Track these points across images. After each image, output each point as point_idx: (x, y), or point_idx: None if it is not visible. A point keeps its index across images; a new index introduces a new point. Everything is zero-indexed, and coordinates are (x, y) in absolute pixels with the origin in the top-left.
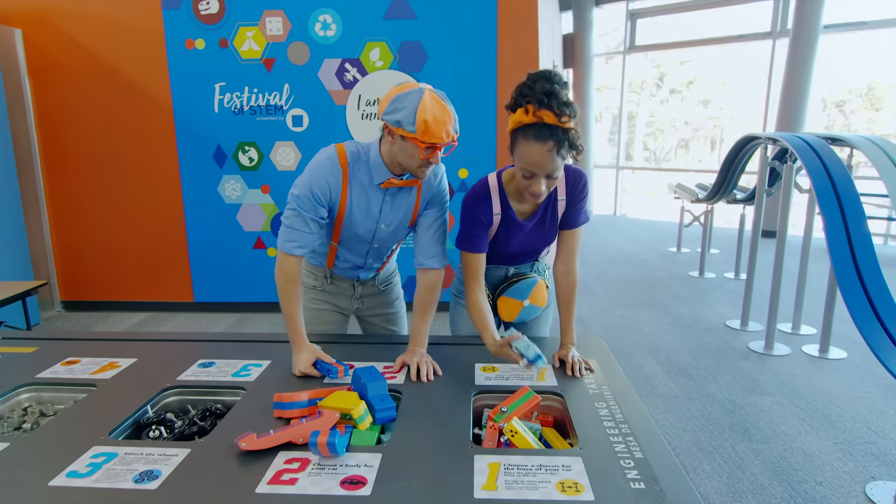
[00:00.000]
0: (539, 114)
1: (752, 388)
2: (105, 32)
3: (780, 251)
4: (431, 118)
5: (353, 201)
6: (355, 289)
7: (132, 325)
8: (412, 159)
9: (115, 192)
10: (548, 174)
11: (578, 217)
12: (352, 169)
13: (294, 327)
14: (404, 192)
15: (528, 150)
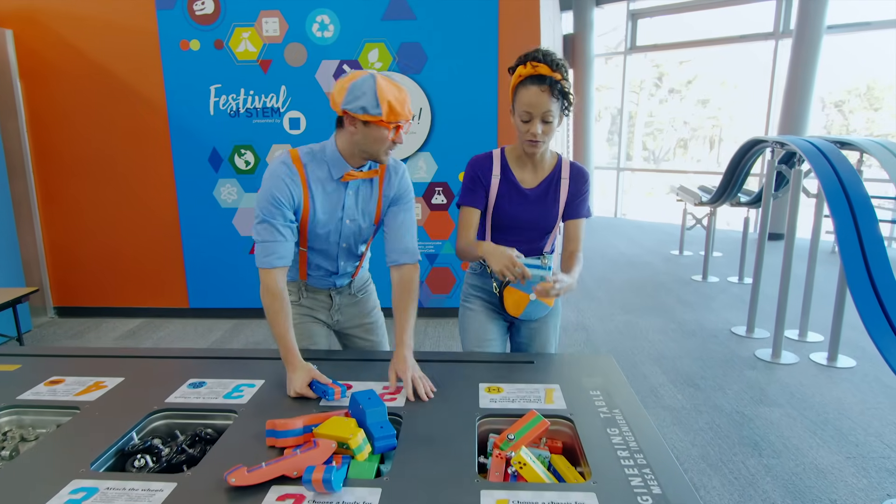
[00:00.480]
0: (536, 66)
1: (760, 399)
2: (98, 33)
3: (788, 256)
4: (394, 98)
5: (315, 200)
6: (332, 299)
7: (126, 332)
8: (379, 143)
9: (108, 195)
10: (543, 116)
11: (581, 208)
12: (308, 168)
13: (286, 345)
14: (365, 186)
15: (526, 93)
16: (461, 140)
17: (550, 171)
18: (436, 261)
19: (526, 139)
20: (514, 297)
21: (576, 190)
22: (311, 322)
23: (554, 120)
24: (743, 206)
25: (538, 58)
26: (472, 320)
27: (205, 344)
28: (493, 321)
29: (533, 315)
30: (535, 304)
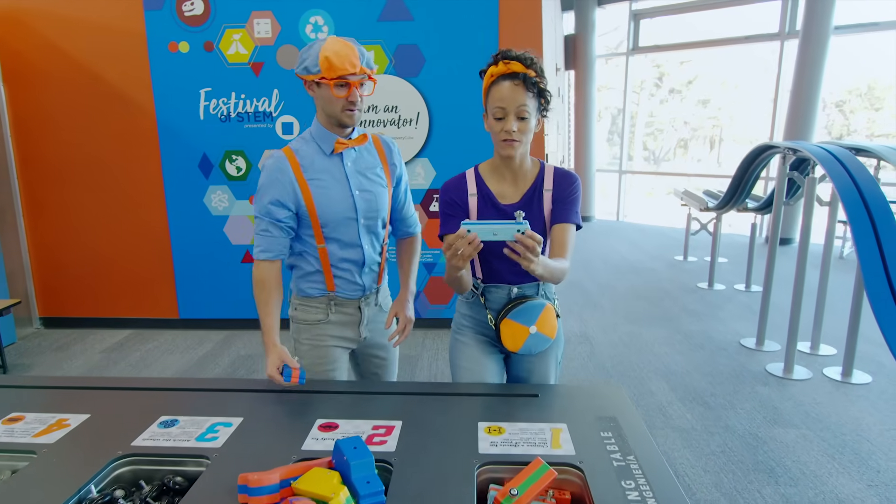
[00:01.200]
0: (509, 63)
1: (774, 419)
2: (84, 35)
3: (801, 265)
4: (333, 52)
5: (314, 180)
6: (362, 312)
7: (113, 344)
8: (331, 103)
9: (95, 203)
10: (518, 112)
11: (566, 212)
12: (300, 154)
13: (264, 328)
14: (362, 155)
15: (498, 89)
16: (460, 145)
17: (533, 182)
18: (434, 270)
19: (500, 139)
20: (511, 330)
21: (559, 194)
22: (335, 346)
23: (530, 117)
24: (750, 211)
25: (510, 55)
26: (464, 355)
27: (195, 357)
28: (489, 355)
29: (533, 349)
30: (536, 338)
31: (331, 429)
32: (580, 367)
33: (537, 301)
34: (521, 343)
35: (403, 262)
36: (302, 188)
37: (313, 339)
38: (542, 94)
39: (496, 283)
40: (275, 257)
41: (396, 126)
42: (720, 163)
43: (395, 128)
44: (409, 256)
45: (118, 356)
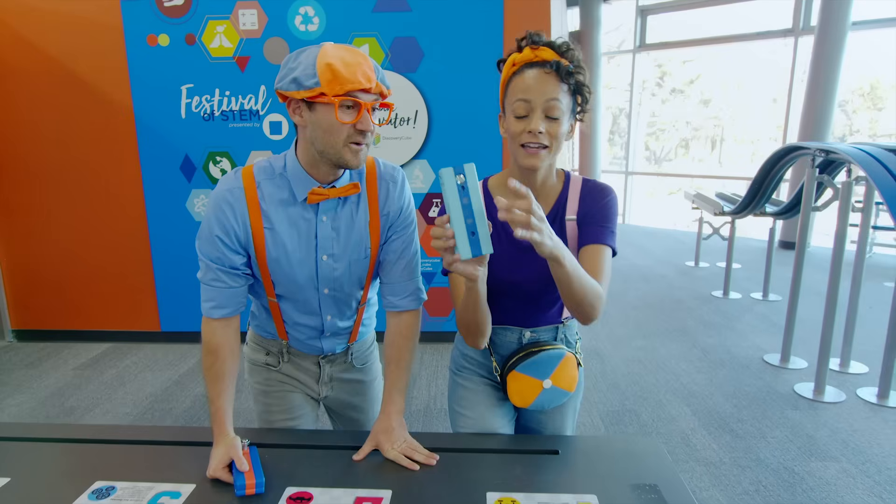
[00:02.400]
0: (538, 50)
1: (810, 450)
2: (56, 27)
3: (835, 275)
4: (337, 60)
5: (274, 231)
6: (321, 368)
7: (89, 360)
8: (332, 133)
9: (70, 207)
10: (548, 108)
11: (598, 231)
12: (264, 188)
13: (213, 410)
14: (346, 207)
15: (522, 79)
16: (461, 146)
17: (554, 202)
18: (434, 280)
19: (522, 142)
20: (520, 385)
21: (588, 209)
22: (292, 391)
23: (563, 116)
24: (768, 216)
25: (539, 40)
26: (466, 401)
27: (174, 375)
28: (495, 402)
29: (546, 405)
30: (551, 392)
31: (304, 502)
32: (593, 388)
33: (555, 350)
34: (531, 399)
35: (390, 357)
36: (255, 233)
37: (266, 384)
38: (580, 91)
39: (505, 324)
40: (232, 313)
41: (393, 125)
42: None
43: (392, 127)
44: (401, 351)
45: (92, 373)
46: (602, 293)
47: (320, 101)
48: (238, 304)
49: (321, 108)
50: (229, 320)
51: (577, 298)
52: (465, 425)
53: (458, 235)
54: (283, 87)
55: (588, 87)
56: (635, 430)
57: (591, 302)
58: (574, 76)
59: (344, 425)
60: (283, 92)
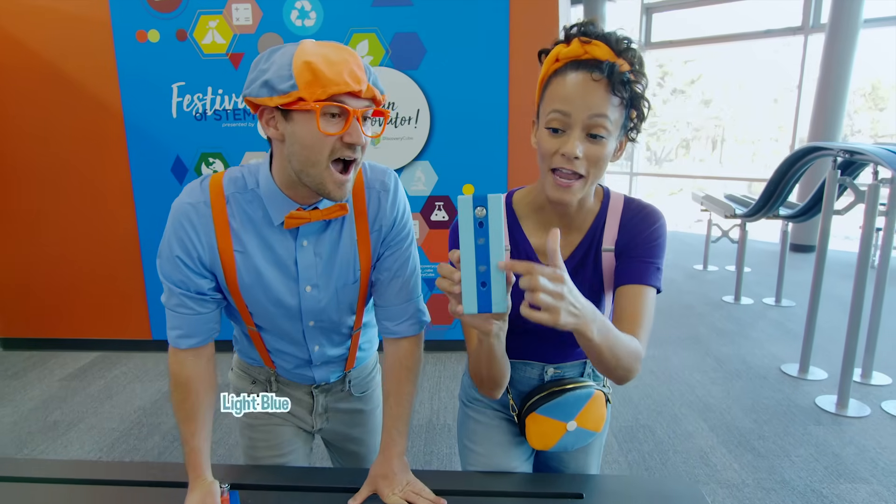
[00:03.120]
0: (588, 47)
1: (837, 471)
2: (41, 23)
3: (860, 282)
4: (319, 57)
5: (245, 254)
6: (315, 398)
7: (77, 370)
8: (314, 148)
9: (57, 210)
10: (590, 125)
11: (640, 267)
12: (232, 204)
13: (187, 451)
14: (329, 229)
15: (562, 83)
16: (465, 146)
17: (591, 225)
18: (436, 287)
19: (553, 165)
20: (541, 427)
21: (630, 239)
22: (281, 424)
23: (609, 136)
24: (782, 218)
25: (593, 31)
26: (478, 436)
27: (164, 386)
28: (513, 443)
29: (570, 446)
30: (576, 434)
31: None
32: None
33: (582, 390)
34: (553, 442)
35: (389, 390)
36: (223, 256)
37: (252, 417)
38: (636, 104)
39: (525, 359)
40: (202, 342)
41: (394, 125)
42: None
43: (392, 127)
44: (400, 382)
45: (79, 385)
46: (640, 351)
47: (298, 109)
48: (209, 331)
49: (299, 116)
50: (200, 350)
51: (608, 366)
52: (477, 463)
53: (464, 283)
54: (252, 94)
55: (647, 99)
56: (650, 449)
57: (627, 366)
58: (631, 86)
59: (343, 459)
60: (252, 99)
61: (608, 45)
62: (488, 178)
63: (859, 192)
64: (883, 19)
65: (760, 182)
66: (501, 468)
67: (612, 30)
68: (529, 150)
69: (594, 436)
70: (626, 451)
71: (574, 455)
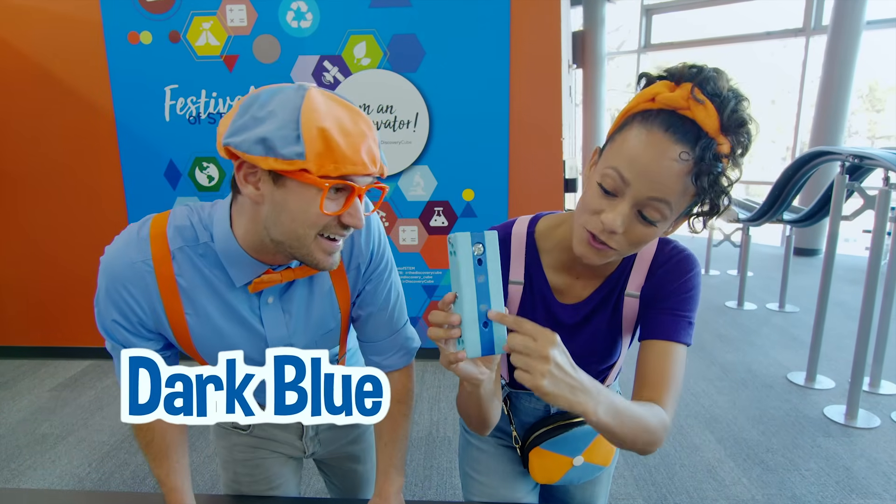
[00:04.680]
0: (692, 101)
1: (849, 485)
2: (30, 24)
3: (870, 289)
4: (335, 126)
5: (200, 319)
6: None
7: (67, 379)
8: (304, 224)
9: (47, 216)
10: (648, 198)
11: (671, 320)
12: (180, 261)
13: (166, 492)
14: (296, 282)
15: (640, 137)
16: (465, 150)
17: (617, 267)
18: (434, 293)
19: (587, 226)
20: (544, 462)
21: (660, 288)
22: (267, 457)
23: (662, 222)
24: (785, 223)
25: (706, 84)
26: (480, 464)
27: None
28: (518, 476)
29: (576, 480)
30: (583, 469)
31: None
32: None
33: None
34: (558, 477)
35: (382, 428)
36: (172, 320)
37: (233, 451)
38: (715, 188)
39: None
40: None
41: (392, 129)
42: None
43: (391, 131)
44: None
45: (69, 395)
46: (666, 421)
47: (304, 180)
48: None
49: (296, 186)
50: None
51: (623, 443)
52: (480, 493)
53: (465, 324)
54: (240, 147)
55: (729, 195)
56: (657, 463)
57: (648, 441)
58: (718, 178)
59: (338, 480)
60: (238, 153)
61: (718, 114)
62: (488, 184)
63: (868, 198)
64: (885, 21)
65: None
66: (505, 497)
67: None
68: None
69: (602, 470)
70: (632, 466)
71: (581, 486)
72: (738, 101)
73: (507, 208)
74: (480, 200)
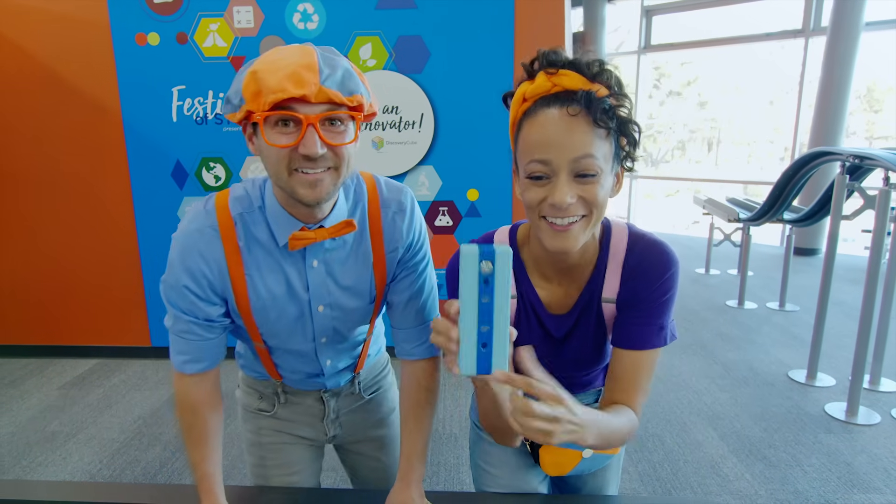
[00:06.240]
0: (556, 79)
1: (850, 481)
2: (39, 26)
3: (871, 287)
4: (265, 65)
5: (258, 279)
6: (326, 404)
7: (75, 378)
8: (273, 162)
9: (55, 215)
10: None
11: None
12: (240, 226)
13: (199, 477)
14: (340, 247)
15: (536, 126)
16: (470, 150)
17: (591, 275)
18: (441, 291)
19: (543, 213)
20: (554, 457)
21: (635, 293)
22: (291, 443)
23: (602, 173)
24: (786, 223)
25: (558, 59)
26: (491, 455)
27: (164, 395)
28: (530, 467)
29: (587, 470)
30: (593, 459)
31: None
32: None
33: None
34: (568, 469)
35: (407, 413)
36: (234, 280)
37: (259, 434)
38: (624, 130)
39: None
40: (208, 367)
41: (397, 129)
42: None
43: (396, 131)
44: (418, 404)
45: (77, 393)
46: (636, 423)
47: (253, 122)
48: (216, 355)
49: (259, 131)
50: (206, 374)
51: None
52: (492, 484)
53: (463, 342)
54: (223, 110)
55: (636, 122)
56: (661, 459)
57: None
58: (614, 112)
59: (359, 467)
60: (227, 116)
61: (579, 72)
62: (493, 184)
63: (868, 198)
64: (884, 22)
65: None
66: (517, 488)
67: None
68: None
69: (611, 458)
70: (637, 462)
71: (592, 475)
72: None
73: (512, 208)
74: (485, 200)
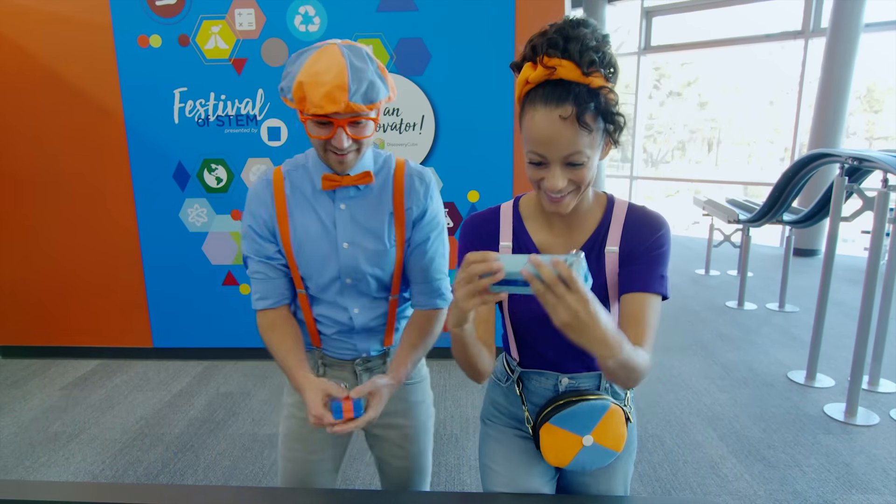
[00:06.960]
0: (551, 63)
1: (849, 481)
2: (41, 27)
3: (869, 289)
4: (308, 78)
5: (295, 216)
6: (358, 377)
7: (77, 378)
8: (316, 145)
9: (56, 218)
10: (566, 157)
11: (645, 274)
12: (291, 179)
13: (287, 370)
14: (365, 198)
15: (533, 122)
16: (470, 152)
17: (594, 230)
18: None
19: (544, 196)
20: (554, 440)
21: (634, 245)
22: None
23: (589, 160)
24: (785, 224)
25: (555, 44)
26: (498, 454)
27: (167, 395)
28: (534, 462)
29: (588, 465)
30: (593, 451)
31: None
32: None
33: (598, 401)
34: (569, 458)
35: (411, 333)
36: (279, 218)
37: (298, 409)
38: (610, 117)
39: (539, 368)
40: (276, 303)
41: (398, 131)
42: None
43: (397, 133)
44: (418, 330)
45: (79, 394)
46: (648, 362)
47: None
48: (280, 294)
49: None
50: (277, 309)
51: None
52: (497, 483)
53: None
54: (281, 92)
55: (621, 114)
56: (661, 459)
57: (636, 377)
58: (601, 107)
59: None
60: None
61: (575, 64)
62: (493, 185)
63: (867, 199)
64: (884, 23)
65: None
66: (522, 487)
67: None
68: None
69: (614, 455)
70: (637, 462)
71: (597, 477)
72: (583, 41)
73: None
74: (485, 202)
